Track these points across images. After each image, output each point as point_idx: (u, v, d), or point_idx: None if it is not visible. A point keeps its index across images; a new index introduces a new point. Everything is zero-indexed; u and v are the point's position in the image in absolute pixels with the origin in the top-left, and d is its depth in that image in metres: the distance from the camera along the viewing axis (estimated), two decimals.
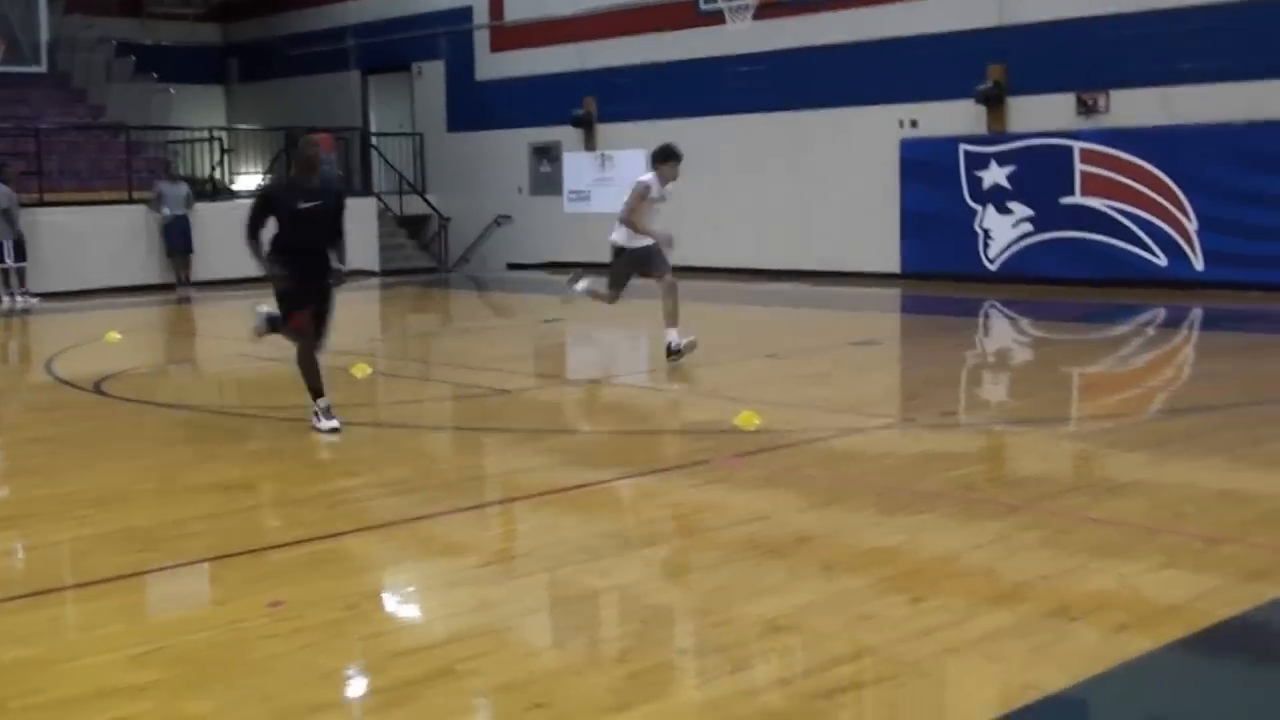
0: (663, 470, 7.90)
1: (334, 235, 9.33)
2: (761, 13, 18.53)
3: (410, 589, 5.93)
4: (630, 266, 12.34)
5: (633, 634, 5.20)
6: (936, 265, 20.14)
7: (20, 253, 20.34)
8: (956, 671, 4.59)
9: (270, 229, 9.15)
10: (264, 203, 9.24)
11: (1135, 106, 18.15)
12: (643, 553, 6.16)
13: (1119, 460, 8.11)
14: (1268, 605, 5.19)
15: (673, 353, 12.02)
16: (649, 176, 12.30)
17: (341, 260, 9.41)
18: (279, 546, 6.34)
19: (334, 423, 9.15)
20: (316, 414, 9.23)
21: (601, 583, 5.72)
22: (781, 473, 7.75)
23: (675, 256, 22.69)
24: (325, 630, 5.11)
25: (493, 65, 26.52)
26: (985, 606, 5.17)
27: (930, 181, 20.12)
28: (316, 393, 9.29)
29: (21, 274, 20.37)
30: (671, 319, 12.12)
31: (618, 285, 12.55)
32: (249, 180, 28.14)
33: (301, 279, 9.20)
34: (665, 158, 12.24)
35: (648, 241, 12.19)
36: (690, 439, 8.95)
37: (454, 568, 6.08)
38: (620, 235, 12.25)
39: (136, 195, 22.53)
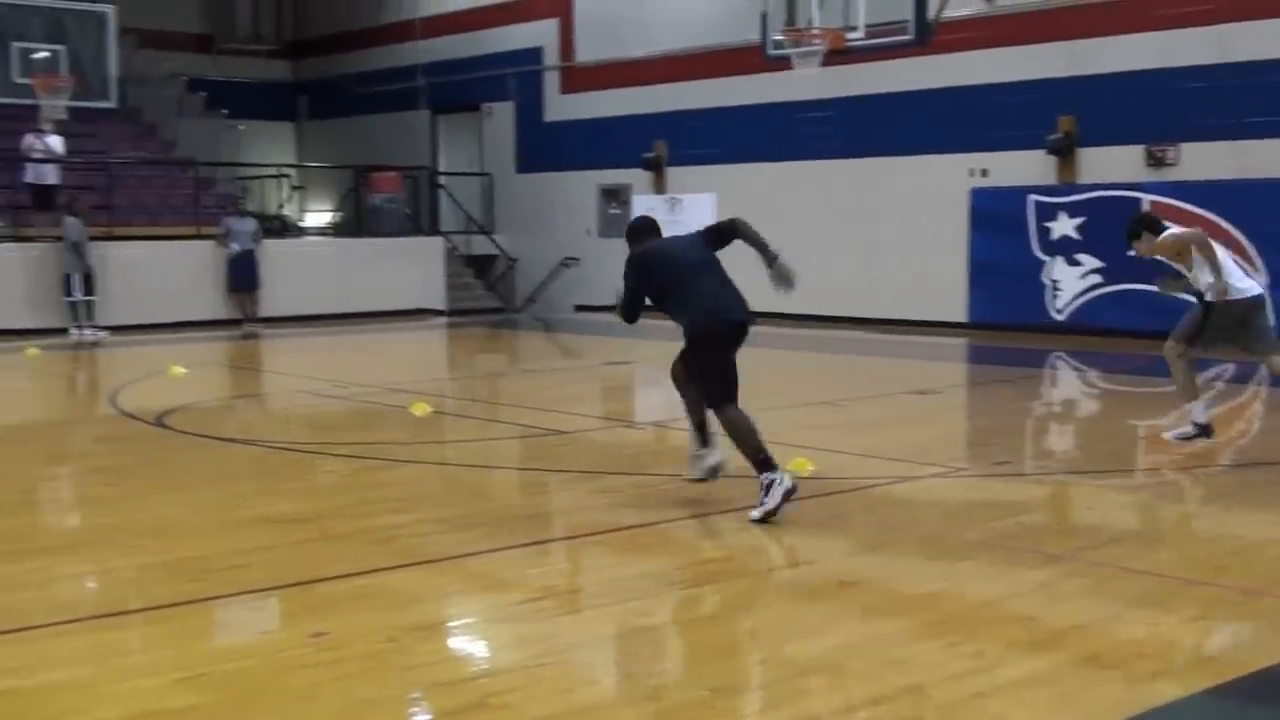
0: (712, 513, 7.93)
1: None
2: (830, 59, 18.57)
3: (453, 623, 6.00)
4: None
5: (667, 671, 5.26)
6: (1003, 315, 20.06)
7: (89, 286, 20.65)
8: (982, 715, 4.61)
9: None
10: None
11: (1205, 159, 18.05)
12: (684, 593, 6.19)
13: (1167, 512, 8.09)
14: None
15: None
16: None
17: None
18: (327, 579, 6.43)
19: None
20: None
21: (641, 621, 5.77)
22: (829, 518, 7.77)
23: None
24: (366, 661, 5.19)
25: (563, 106, 26.73)
26: (1019, 653, 5.19)
27: (999, 231, 20.07)
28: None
29: (90, 307, 20.66)
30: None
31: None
32: (318, 217, 28.46)
33: None
34: None
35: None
36: (742, 484, 8.96)
37: (498, 604, 6.14)
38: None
39: (204, 231, 22.79)
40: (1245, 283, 9.62)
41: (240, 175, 26.51)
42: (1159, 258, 10.18)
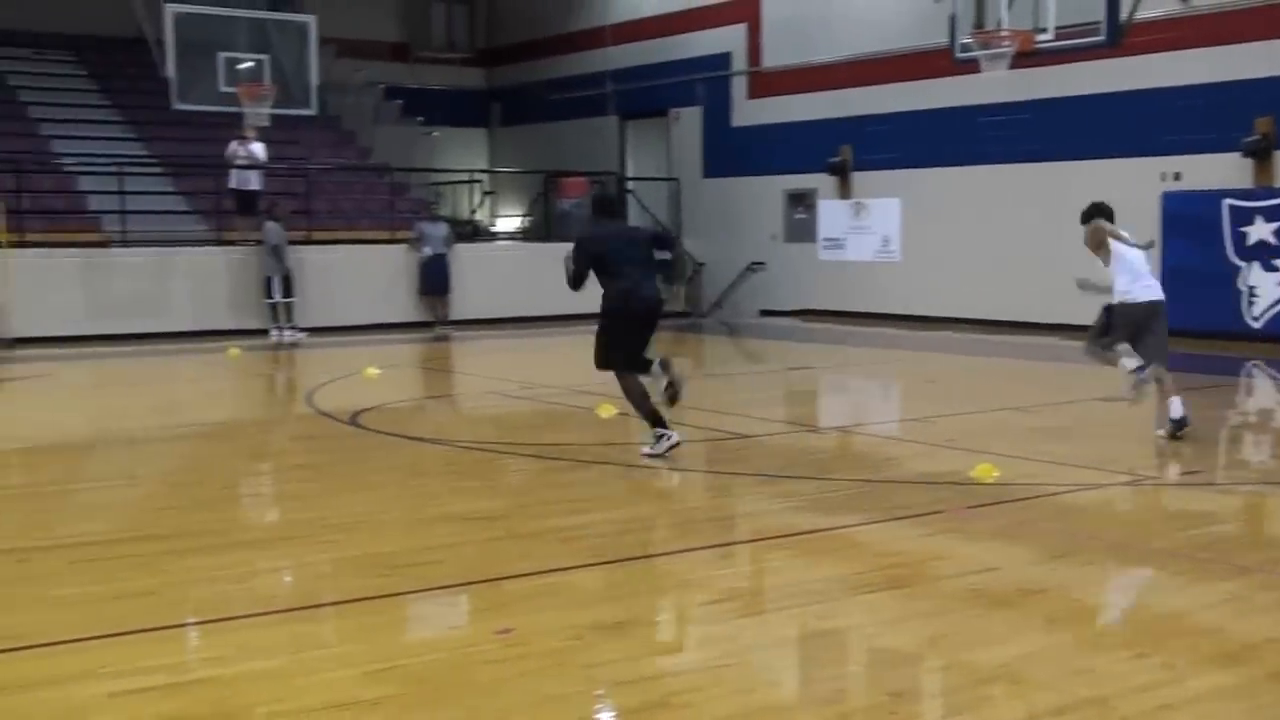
0: (895, 519, 7.91)
1: None
2: (1019, 61, 18.31)
3: (635, 623, 6.07)
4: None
5: (848, 675, 5.28)
6: (1196, 322, 19.48)
7: (288, 288, 21.24)
8: None
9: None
10: None
11: None
12: (867, 598, 6.20)
13: None
14: None
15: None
16: None
17: None
18: (514, 577, 6.57)
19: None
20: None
21: (823, 625, 5.80)
22: (1014, 525, 7.70)
23: (926, 307, 22.64)
24: (551, 658, 5.31)
25: (750, 111, 26.76)
26: (1208, 666, 5.10)
27: (1192, 236, 19.55)
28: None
29: (289, 309, 21.24)
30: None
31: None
32: (508, 222, 28.88)
33: None
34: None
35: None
36: (926, 489, 8.93)
37: (681, 604, 6.23)
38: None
39: (398, 235, 23.30)
40: (1145, 289, 10.77)
41: (434, 181, 27.00)
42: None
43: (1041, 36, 17.55)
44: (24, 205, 20.66)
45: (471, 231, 26.10)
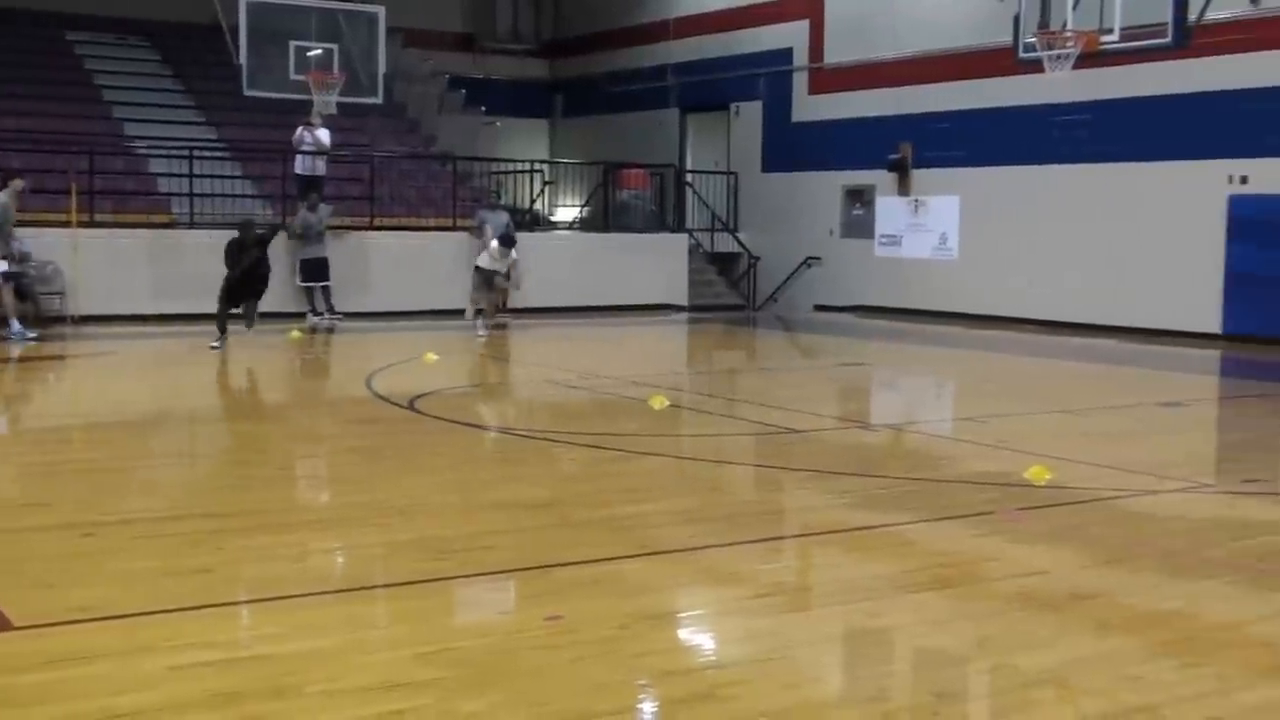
0: (946, 518, 7.90)
1: None
2: (1083, 62, 18.16)
3: (683, 614, 6.11)
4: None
5: (894, 674, 5.29)
6: (1263, 328, 19.35)
7: (315, 274, 21.32)
8: None
9: None
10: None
11: None
12: (914, 597, 6.20)
13: None
14: None
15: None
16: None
17: None
18: (564, 565, 6.61)
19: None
20: None
21: (869, 623, 5.81)
22: (1066, 529, 7.67)
23: (983, 305, 22.49)
24: (598, 646, 5.34)
25: (810, 107, 26.71)
26: (1260, 678, 5.07)
27: (1261, 240, 19.35)
28: None
29: (325, 293, 21.33)
30: None
31: None
32: (567, 212, 29.03)
33: None
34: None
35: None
36: (977, 489, 8.91)
37: (728, 597, 6.24)
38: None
39: (460, 223, 23.43)
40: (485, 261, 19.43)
41: (495, 170, 27.15)
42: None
43: (1107, 37, 17.39)
44: (95, 186, 20.89)
45: (530, 220, 26.20)
